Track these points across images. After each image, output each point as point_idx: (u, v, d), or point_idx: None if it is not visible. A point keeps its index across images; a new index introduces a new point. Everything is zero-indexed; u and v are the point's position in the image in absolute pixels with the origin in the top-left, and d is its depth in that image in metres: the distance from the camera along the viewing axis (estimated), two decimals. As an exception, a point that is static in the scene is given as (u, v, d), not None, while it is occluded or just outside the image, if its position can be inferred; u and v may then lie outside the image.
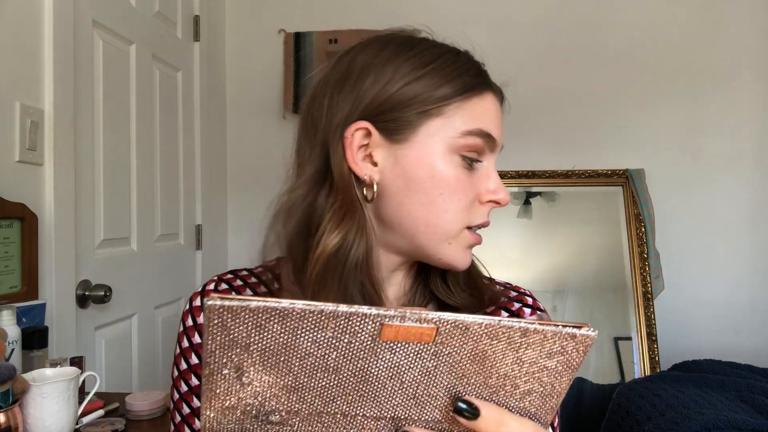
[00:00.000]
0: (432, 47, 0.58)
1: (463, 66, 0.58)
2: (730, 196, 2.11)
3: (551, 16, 2.19)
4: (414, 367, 0.31)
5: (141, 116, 1.72)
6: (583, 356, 0.32)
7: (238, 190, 2.33)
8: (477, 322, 0.30)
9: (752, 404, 1.45)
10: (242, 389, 0.31)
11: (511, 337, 0.31)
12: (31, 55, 1.27)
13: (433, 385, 0.32)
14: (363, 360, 0.30)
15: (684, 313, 2.10)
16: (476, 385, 0.32)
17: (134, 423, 1.12)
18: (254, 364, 0.30)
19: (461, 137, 0.55)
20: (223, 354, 0.29)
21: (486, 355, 0.31)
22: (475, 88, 0.57)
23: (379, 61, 0.56)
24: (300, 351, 0.29)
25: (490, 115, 0.57)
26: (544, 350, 0.31)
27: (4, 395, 0.83)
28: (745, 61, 2.11)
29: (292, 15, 2.27)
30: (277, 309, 0.28)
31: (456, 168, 0.56)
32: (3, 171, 1.19)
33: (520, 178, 2.15)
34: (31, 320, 1.14)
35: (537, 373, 0.32)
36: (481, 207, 0.58)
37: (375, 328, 0.29)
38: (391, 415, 0.33)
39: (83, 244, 1.45)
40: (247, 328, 0.28)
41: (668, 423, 1.33)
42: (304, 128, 0.60)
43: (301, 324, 0.29)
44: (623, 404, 1.58)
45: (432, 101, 0.55)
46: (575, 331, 0.31)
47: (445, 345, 0.30)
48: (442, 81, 0.55)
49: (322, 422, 0.32)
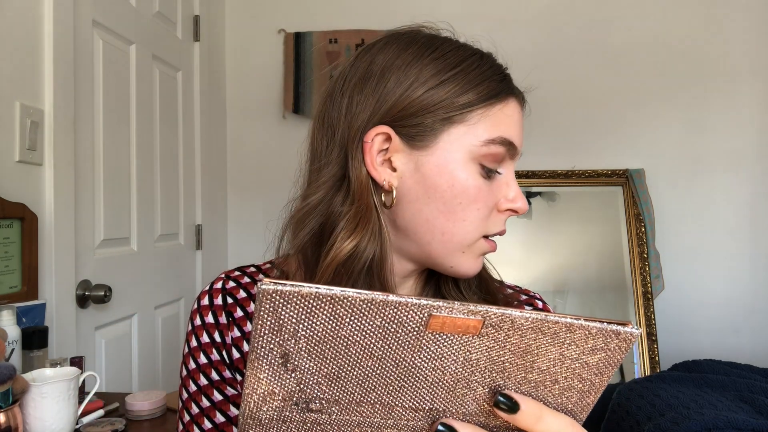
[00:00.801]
0: (456, 49, 0.56)
1: (488, 71, 0.56)
2: (730, 196, 2.11)
3: (551, 16, 2.19)
4: (457, 360, 0.31)
5: (141, 116, 1.72)
6: (625, 354, 0.32)
7: (238, 190, 2.33)
8: (524, 317, 0.30)
9: (752, 404, 1.45)
10: (287, 376, 0.31)
11: (557, 333, 0.31)
12: (31, 55, 1.27)
13: (473, 379, 0.32)
14: (407, 350, 0.30)
15: (684, 313, 2.10)
16: (516, 379, 0.32)
17: (134, 423, 1.12)
18: (300, 351, 0.30)
19: (483, 146, 0.54)
20: (272, 339, 0.29)
21: (529, 350, 0.31)
22: (499, 94, 0.55)
23: (401, 62, 0.54)
24: (346, 339, 0.30)
25: (513, 121, 0.56)
26: (587, 347, 0.31)
27: (4, 395, 0.83)
28: (745, 61, 2.11)
29: (292, 15, 2.27)
30: (328, 296, 0.28)
31: (476, 177, 0.55)
32: (3, 171, 1.19)
33: (520, 178, 2.15)
34: (31, 320, 1.14)
35: (578, 370, 0.32)
36: (499, 215, 0.57)
37: (423, 319, 0.29)
38: (429, 407, 0.33)
39: (83, 244, 1.44)
40: (297, 314, 0.29)
41: (668, 423, 1.33)
42: (320, 129, 0.59)
43: (350, 312, 0.29)
44: (623, 404, 1.58)
45: (455, 108, 0.54)
46: (620, 328, 0.31)
47: (489, 338, 0.31)
48: (467, 87, 0.54)
49: (361, 411, 0.33)
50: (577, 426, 0.34)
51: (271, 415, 0.32)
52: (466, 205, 0.54)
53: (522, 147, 0.58)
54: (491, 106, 0.55)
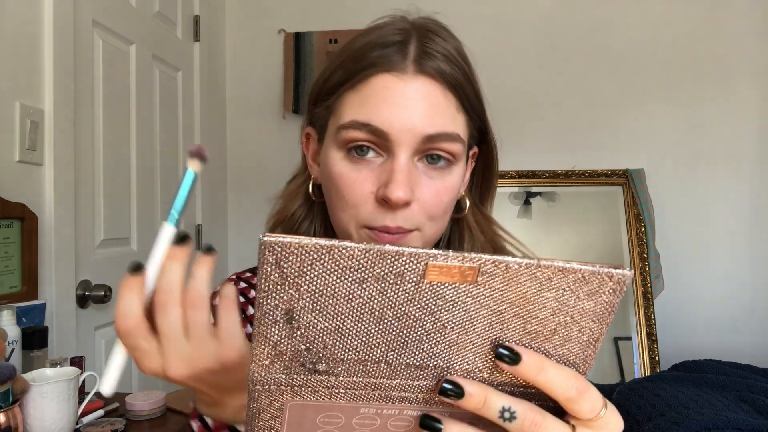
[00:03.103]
0: (364, 33, 0.54)
1: (364, 45, 0.52)
2: (730, 196, 2.11)
3: (551, 16, 2.19)
4: (456, 311, 0.31)
5: (141, 116, 1.72)
6: (620, 298, 0.32)
7: (238, 190, 2.33)
8: (517, 261, 0.31)
9: (752, 404, 1.45)
10: (292, 333, 0.31)
11: (550, 278, 0.31)
12: (31, 55, 1.27)
13: (474, 332, 0.32)
14: (407, 303, 0.31)
15: (684, 313, 2.10)
16: (516, 331, 0.33)
17: (134, 423, 1.12)
18: (304, 307, 0.30)
19: (339, 132, 0.51)
20: (276, 294, 0.30)
21: (526, 297, 0.32)
22: (362, 71, 0.51)
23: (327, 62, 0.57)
24: (348, 293, 0.30)
25: (378, 100, 0.50)
26: (582, 292, 0.32)
27: (4, 395, 0.83)
28: (745, 62, 2.11)
29: (292, 15, 2.27)
30: (326, 246, 0.29)
31: (342, 164, 0.52)
32: (3, 171, 1.19)
33: (520, 178, 2.15)
34: (31, 320, 1.14)
35: (576, 317, 0.33)
36: (377, 206, 0.51)
37: (420, 269, 0.30)
38: (433, 364, 0.33)
39: (83, 244, 1.44)
40: (300, 266, 0.29)
41: (668, 423, 1.33)
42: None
43: (350, 263, 0.29)
44: (623, 404, 1.58)
45: (326, 94, 0.54)
46: (612, 270, 0.31)
47: (486, 286, 0.31)
48: (336, 69, 0.53)
49: (366, 371, 0.33)
50: (580, 378, 0.33)
51: (279, 379, 0.33)
52: (336, 194, 0.53)
53: (419, 124, 0.50)
54: (352, 89, 0.51)
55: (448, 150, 0.51)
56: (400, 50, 0.51)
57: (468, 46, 0.58)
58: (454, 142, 0.51)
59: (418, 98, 0.50)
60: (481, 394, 0.33)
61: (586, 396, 0.33)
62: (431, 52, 0.51)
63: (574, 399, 0.33)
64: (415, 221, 0.51)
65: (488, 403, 0.33)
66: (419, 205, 0.51)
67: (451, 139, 0.51)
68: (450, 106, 0.52)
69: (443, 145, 0.51)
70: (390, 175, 0.49)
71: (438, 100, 0.51)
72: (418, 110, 0.49)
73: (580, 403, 0.33)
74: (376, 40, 0.52)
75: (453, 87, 0.52)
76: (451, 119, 0.52)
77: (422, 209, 0.51)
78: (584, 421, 0.34)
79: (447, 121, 0.51)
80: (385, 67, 0.50)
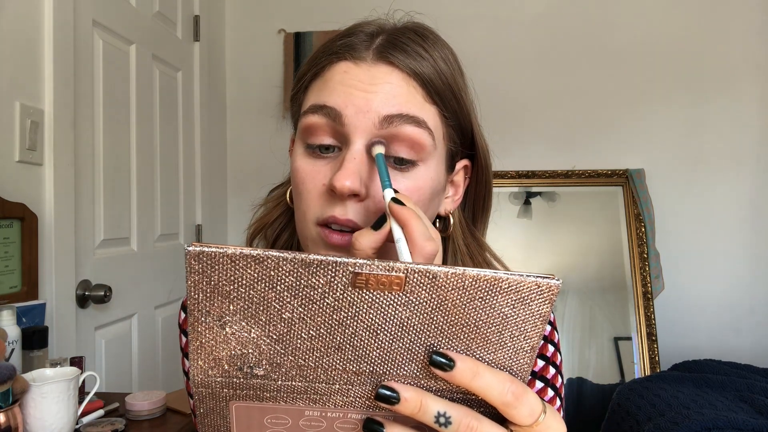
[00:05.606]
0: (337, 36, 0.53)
1: (332, 40, 0.51)
2: (730, 196, 2.11)
3: (551, 16, 2.19)
4: (388, 319, 0.31)
5: (141, 116, 1.72)
6: (550, 307, 0.32)
7: (238, 190, 2.33)
8: (444, 271, 0.30)
9: (752, 404, 1.46)
10: (226, 340, 0.31)
11: (479, 287, 0.31)
12: (31, 55, 1.27)
13: (408, 339, 0.32)
14: (337, 311, 0.31)
15: (684, 313, 2.10)
16: (450, 338, 0.33)
17: (134, 423, 1.12)
18: (236, 314, 0.30)
19: (300, 122, 0.50)
20: (206, 302, 0.30)
21: (455, 306, 0.31)
22: (324, 61, 0.50)
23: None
24: (277, 300, 0.30)
25: (335, 83, 0.48)
26: (511, 300, 0.32)
27: (4, 395, 0.83)
28: (745, 62, 2.11)
29: (292, 15, 2.27)
30: (252, 256, 0.29)
31: (302, 157, 0.50)
32: (3, 171, 1.19)
33: (520, 178, 2.15)
34: (31, 320, 1.14)
35: (507, 325, 0.32)
36: (328, 198, 0.48)
37: (347, 277, 0.30)
38: (369, 370, 0.33)
39: (83, 244, 1.45)
40: (227, 276, 0.29)
41: (668, 423, 1.33)
42: None
43: (277, 273, 0.29)
44: (623, 404, 1.58)
45: (297, 92, 0.54)
46: (539, 279, 0.31)
47: (414, 294, 0.31)
48: (305, 69, 0.53)
49: (304, 376, 0.33)
50: (517, 382, 0.33)
51: (220, 382, 0.33)
52: (296, 189, 0.51)
53: (375, 104, 0.47)
54: (314, 80, 0.51)
55: (413, 137, 0.47)
56: (366, 40, 0.50)
57: (468, 46, 0.57)
58: (418, 127, 0.48)
59: (377, 83, 0.47)
60: (417, 399, 0.32)
61: (524, 400, 0.33)
62: (398, 44, 0.49)
63: (512, 404, 0.33)
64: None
65: (424, 407, 0.32)
66: (375, 203, 0.47)
67: (415, 122, 0.47)
68: (415, 94, 0.48)
69: (406, 129, 0.47)
70: (340, 164, 0.47)
71: (399, 86, 0.48)
72: (377, 94, 0.47)
73: (518, 408, 0.33)
74: (346, 32, 0.51)
75: (418, 77, 0.49)
76: (417, 106, 0.48)
77: (379, 208, 0.47)
78: (524, 427, 0.34)
79: (411, 105, 0.48)
80: (346, 56, 0.49)
